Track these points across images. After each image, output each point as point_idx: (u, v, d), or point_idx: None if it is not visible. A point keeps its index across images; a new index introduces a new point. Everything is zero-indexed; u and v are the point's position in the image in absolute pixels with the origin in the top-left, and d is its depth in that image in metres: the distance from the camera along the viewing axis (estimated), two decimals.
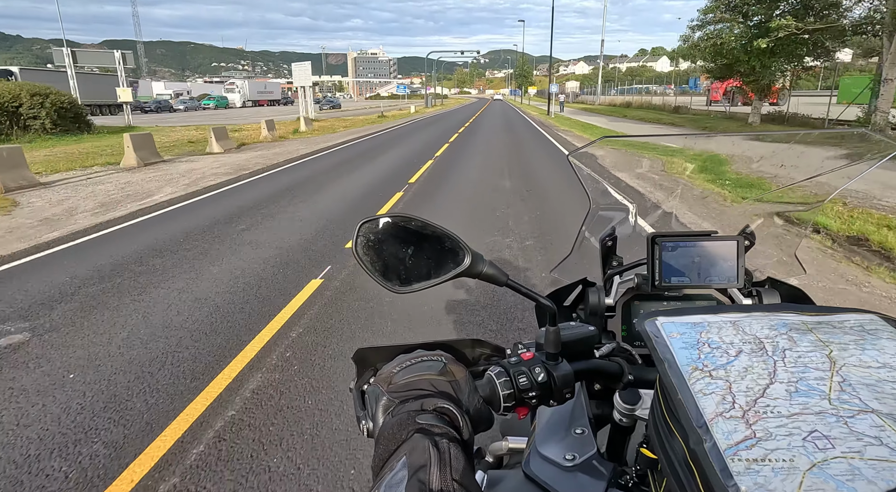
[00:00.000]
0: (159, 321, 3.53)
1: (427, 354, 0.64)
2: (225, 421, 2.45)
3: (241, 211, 7.01)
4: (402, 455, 0.48)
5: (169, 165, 11.63)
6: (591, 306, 0.96)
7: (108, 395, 2.68)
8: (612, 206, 1.15)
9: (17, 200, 7.87)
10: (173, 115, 42.95)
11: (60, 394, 2.69)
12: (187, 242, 5.52)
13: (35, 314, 3.69)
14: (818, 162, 0.98)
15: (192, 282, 4.28)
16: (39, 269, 4.74)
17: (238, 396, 2.65)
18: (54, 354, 3.12)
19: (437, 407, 0.55)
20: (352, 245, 0.63)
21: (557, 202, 7.30)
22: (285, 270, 4.55)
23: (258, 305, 3.77)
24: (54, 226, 6.28)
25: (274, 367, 2.93)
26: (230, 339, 3.27)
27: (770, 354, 0.47)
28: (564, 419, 0.77)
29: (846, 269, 4.45)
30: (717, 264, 0.91)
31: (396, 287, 0.63)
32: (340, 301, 3.84)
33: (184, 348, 3.16)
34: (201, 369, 2.92)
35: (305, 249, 5.20)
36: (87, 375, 2.87)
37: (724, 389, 0.43)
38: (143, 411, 2.53)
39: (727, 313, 0.55)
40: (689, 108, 30.39)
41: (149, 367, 2.95)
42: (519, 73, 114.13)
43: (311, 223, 6.33)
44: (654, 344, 0.51)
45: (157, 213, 7.03)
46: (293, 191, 8.53)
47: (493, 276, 0.65)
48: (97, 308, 3.77)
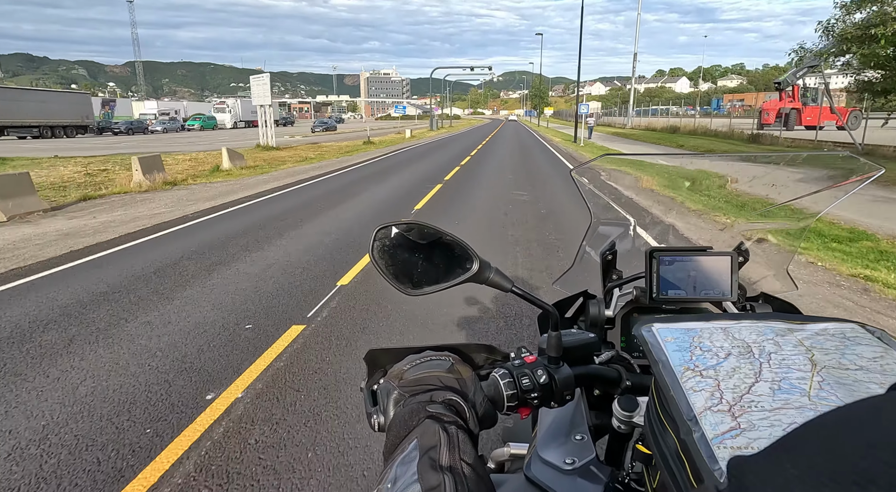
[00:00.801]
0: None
1: (435, 354, 0.68)
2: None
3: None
4: (413, 438, 0.51)
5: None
6: (592, 318, 0.99)
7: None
8: (613, 220, 1.20)
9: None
10: (141, 138, 37.52)
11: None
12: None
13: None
14: (807, 182, 1.04)
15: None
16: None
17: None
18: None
19: (447, 399, 0.58)
20: (369, 249, 0.66)
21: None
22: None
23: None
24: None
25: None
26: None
27: (756, 356, 0.51)
28: (565, 426, 0.79)
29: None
30: (712, 279, 0.94)
31: (408, 290, 0.66)
32: None
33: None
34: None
35: None
36: None
37: (713, 386, 0.47)
38: None
39: (718, 321, 0.60)
40: (760, 135, 23.64)
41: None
42: (534, 94, 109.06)
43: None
44: (650, 347, 0.56)
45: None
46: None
47: (499, 283, 0.68)
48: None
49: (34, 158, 17.61)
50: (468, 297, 4.16)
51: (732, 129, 27.55)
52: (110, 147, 25.04)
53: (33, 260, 5.57)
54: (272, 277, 4.83)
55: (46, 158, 17.66)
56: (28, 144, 28.20)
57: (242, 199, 9.73)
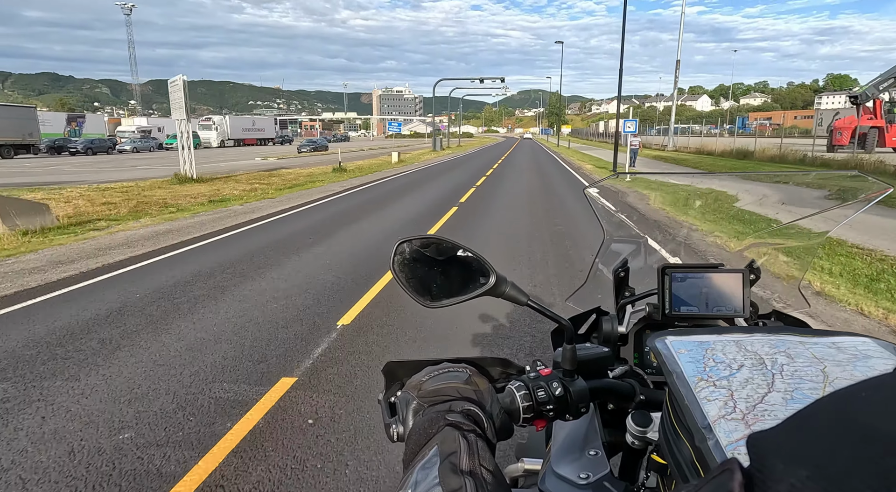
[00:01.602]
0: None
1: (453, 366, 0.68)
2: None
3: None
4: (433, 445, 0.52)
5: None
6: (605, 334, 0.98)
7: None
8: (625, 238, 1.22)
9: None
10: (93, 160, 32.24)
11: None
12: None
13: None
14: (816, 201, 1.04)
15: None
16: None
17: None
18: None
19: (465, 409, 0.58)
20: (390, 262, 0.67)
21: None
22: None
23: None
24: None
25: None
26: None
27: (769, 368, 0.51)
28: (578, 441, 0.79)
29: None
30: (724, 295, 0.94)
31: (427, 302, 0.68)
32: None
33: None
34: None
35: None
36: None
37: (726, 396, 0.47)
38: None
39: (731, 334, 0.60)
40: (832, 159, 16.95)
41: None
42: (551, 111, 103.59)
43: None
44: (664, 358, 0.56)
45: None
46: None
47: (515, 297, 0.69)
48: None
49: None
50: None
51: (783, 150, 22.20)
52: (24, 174, 19.58)
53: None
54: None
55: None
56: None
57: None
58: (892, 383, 0.25)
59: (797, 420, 0.27)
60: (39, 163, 27.67)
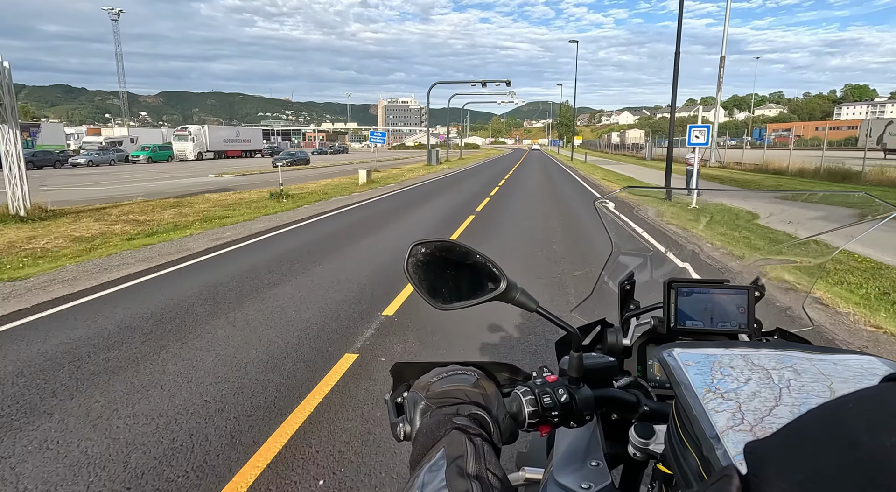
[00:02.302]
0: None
1: (461, 368, 0.70)
2: None
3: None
4: (440, 448, 0.53)
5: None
6: (609, 346, 0.98)
7: None
8: (632, 251, 1.23)
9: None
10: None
11: None
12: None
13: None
14: (823, 220, 1.05)
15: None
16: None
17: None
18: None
19: (472, 413, 0.60)
20: (404, 263, 0.68)
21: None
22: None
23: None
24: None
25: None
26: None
27: (776, 382, 0.52)
28: (580, 452, 0.79)
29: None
30: (728, 311, 0.95)
31: (439, 304, 0.68)
32: None
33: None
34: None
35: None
36: None
37: (734, 407, 0.48)
38: None
39: (738, 348, 0.61)
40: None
41: None
42: (561, 121, 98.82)
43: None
44: (672, 369, 0.57)
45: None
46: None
47: (525, 302, 0.70)
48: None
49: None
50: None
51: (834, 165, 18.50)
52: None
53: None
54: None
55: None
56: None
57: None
58: (875, 394, 0.27)
59: (790, 430, 0.29)
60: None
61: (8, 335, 4.36)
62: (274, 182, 16.76)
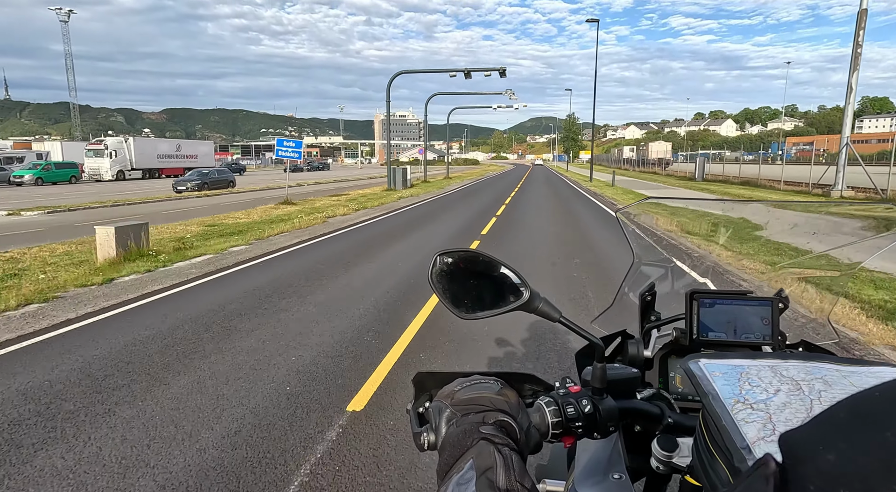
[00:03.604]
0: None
1: (483, 378, 0.68)
2: None
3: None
4: (469, 458, 0.52)
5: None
6: (630, 358, 0.97)
7: None
8: (654, 262, 1.21)
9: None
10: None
11: None
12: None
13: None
14: (848, 232, 1.03)
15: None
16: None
17: None
18: None
19: (499, 420, 0.58)
20: (428, 273, 0.68)
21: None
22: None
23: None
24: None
25: None
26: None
27: (807, 393, 0.50)
28: (602, 464, 0.78)
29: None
30: (752, 323, 0.93)
31: (462, 313, 0.69)
32: None
33: None
34: None
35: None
36: None
37: (764, 418, 0.47)
38: None
39: (765, 359, 0.59)
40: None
41: None
42: (567, 135, 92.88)
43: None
44: (699, 380, 0.56)
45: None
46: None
47: (548, 312, 0.69)
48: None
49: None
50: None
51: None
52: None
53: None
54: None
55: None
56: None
57: None
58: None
59: (822, 418, 0.31)
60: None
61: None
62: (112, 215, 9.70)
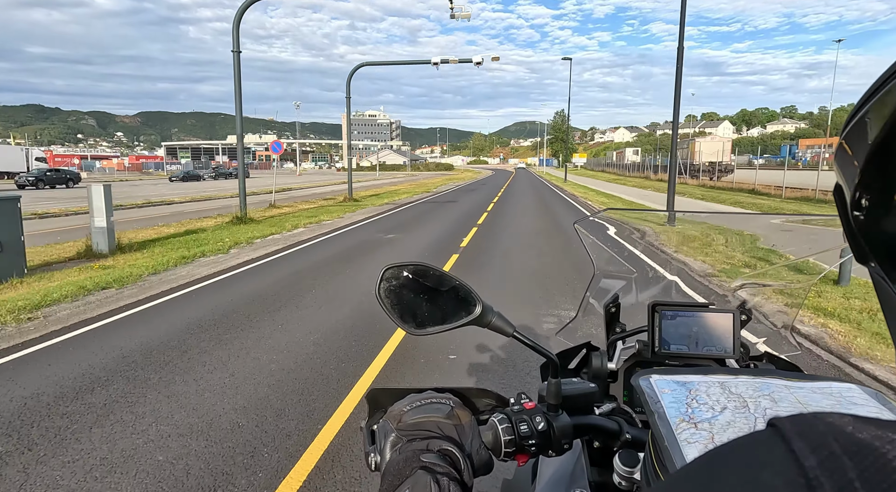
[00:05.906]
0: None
1: (437, 396, 0.67)
2: None
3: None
4: (405, 489, 0.52)
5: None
6: (595, 370, 0.97)
7: None
8: (616, 273, 1.20)
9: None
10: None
11: None
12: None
13: None
14: (807, 242, 1.02)
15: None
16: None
17: None
18: None
19: (442, 449, 0.58)
20: (375, 287, 0.67)
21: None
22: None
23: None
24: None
25: None
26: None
27: (752, 411, 0.51)
28: (565, 480, 0.78)
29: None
30: (714, 335, 0.93)
31: (412, 329, 0.67)
32: None
33: None
34: None
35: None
36: None
37: (706, 439, 0.47)
38: None
39: (716, 375, 0.60)
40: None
41: None
42: (555, 137, 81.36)
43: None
44: (647, 398, 0.56)
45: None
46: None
47: (501, 327, 0.68)
48: None
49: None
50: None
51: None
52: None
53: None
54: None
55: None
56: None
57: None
58: (749, 443, 0.26)
59: (679, 475, 0.29)
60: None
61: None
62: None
